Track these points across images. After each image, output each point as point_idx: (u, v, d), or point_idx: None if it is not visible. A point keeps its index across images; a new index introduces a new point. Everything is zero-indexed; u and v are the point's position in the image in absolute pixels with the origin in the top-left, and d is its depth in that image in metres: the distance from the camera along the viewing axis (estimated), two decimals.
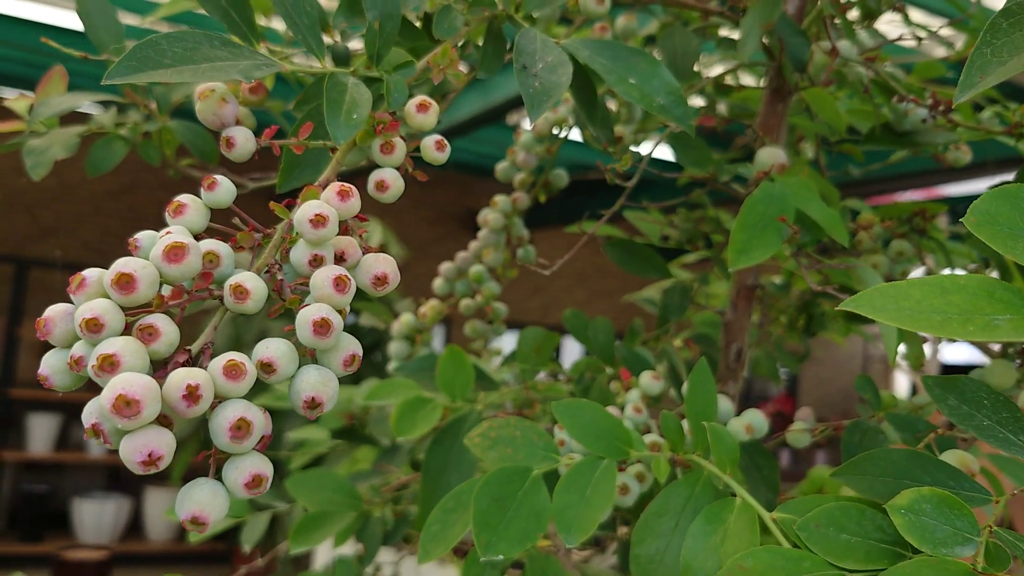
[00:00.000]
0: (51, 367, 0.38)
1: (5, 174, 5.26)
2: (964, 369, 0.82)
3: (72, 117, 0.77)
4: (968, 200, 0.42)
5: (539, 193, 0.99)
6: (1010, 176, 0.72)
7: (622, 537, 0.94)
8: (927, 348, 0.92)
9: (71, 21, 3.41)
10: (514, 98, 3.51)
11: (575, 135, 0.96)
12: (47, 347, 0.39)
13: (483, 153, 4.76)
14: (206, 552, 5.17)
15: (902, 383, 7.42)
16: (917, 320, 0.40)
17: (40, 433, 5.00)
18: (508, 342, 1.18)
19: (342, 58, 0.58)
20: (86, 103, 0.77)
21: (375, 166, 0.50)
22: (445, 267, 1.00)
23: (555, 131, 0.95)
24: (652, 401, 0.78)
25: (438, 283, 1.01)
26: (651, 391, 0.76)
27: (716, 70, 1.01)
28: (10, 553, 4.81)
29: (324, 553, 2.63)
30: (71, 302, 0.38)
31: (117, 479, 5.50)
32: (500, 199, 0.95)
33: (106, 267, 0.38)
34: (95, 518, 5.04)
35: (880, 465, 0.53)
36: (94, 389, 0.36)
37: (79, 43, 0.73)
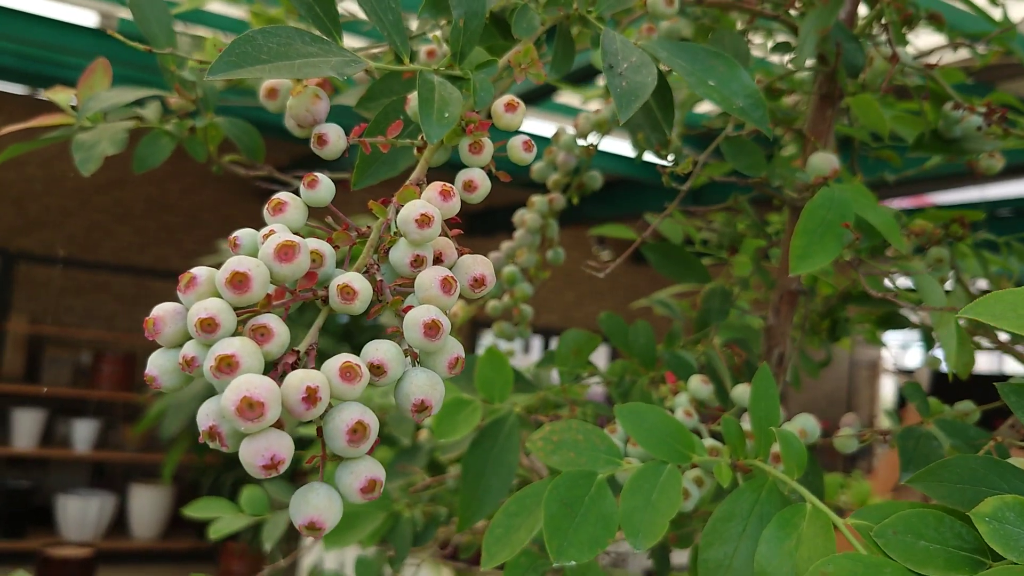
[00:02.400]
0: (159, 367, 0.37)
1: None
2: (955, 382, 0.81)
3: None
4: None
5: (573, 195, 0.98)
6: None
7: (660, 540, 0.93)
8: (917, 358, 0.93)
9: (68, 14, 3.38)
10: None
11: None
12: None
13: None
14: (191, 550, 5.13)
15: (888, 388, 7.50)
16: None
17: (24, 428, 4.94)
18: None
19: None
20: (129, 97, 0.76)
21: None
22: None
23: (592, 135, 0.95)
24: (699, 406, 0.78)
25: None
26: (700, 395, 0.76)
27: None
28: None
29: (309, 557, 2.61)
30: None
31: (101, 476, 5.45)
32: (537, 199, 0.94)
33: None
34: (79, 515, 4.98)
35: (957, 472, 0.53)
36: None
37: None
